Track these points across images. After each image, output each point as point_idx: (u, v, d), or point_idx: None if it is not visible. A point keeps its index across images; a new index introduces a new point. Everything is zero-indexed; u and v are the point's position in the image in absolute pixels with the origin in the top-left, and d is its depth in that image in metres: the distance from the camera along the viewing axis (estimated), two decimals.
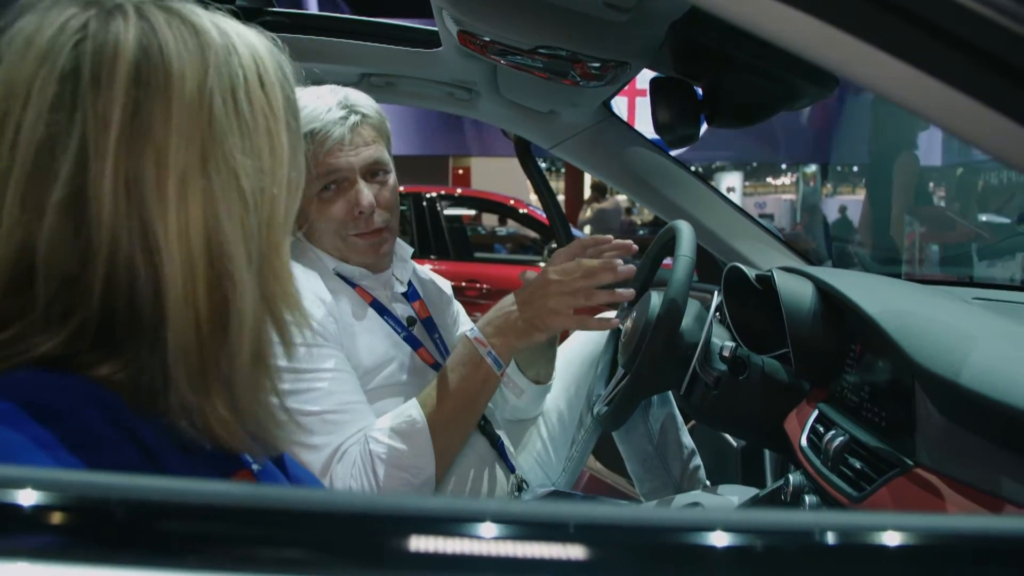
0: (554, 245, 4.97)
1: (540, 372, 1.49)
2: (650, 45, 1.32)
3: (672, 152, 1.87)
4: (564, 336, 1.65)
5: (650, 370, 1.27)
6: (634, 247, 1.25)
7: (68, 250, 0.53)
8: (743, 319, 1.37)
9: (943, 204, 6.99)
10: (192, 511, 0.43)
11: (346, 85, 1.31)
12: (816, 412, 1.17)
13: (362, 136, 1.25)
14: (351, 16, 1.61)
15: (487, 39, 1.29)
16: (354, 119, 1.24)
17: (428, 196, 5.09)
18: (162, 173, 0.54)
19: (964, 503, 0.81)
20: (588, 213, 9.13)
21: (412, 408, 1.18)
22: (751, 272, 1.35)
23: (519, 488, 1.35)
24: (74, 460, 0.50)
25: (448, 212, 5.29)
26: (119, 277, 0.54)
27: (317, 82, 1.27)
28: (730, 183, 12.68)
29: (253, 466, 0.67)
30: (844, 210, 8.85)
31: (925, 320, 0.99)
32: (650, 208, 1.94)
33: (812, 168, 10.75)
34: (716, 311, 1.40)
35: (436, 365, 1.34)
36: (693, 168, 1.92)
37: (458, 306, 1.58)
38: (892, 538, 0.41)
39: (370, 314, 1.30)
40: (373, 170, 1.28)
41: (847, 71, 0.59)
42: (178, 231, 0.55)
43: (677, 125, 1.35)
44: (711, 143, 10.18)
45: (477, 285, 4.69)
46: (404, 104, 1.90)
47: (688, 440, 1.70)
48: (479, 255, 5.66)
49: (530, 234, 6.33)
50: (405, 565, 0.42)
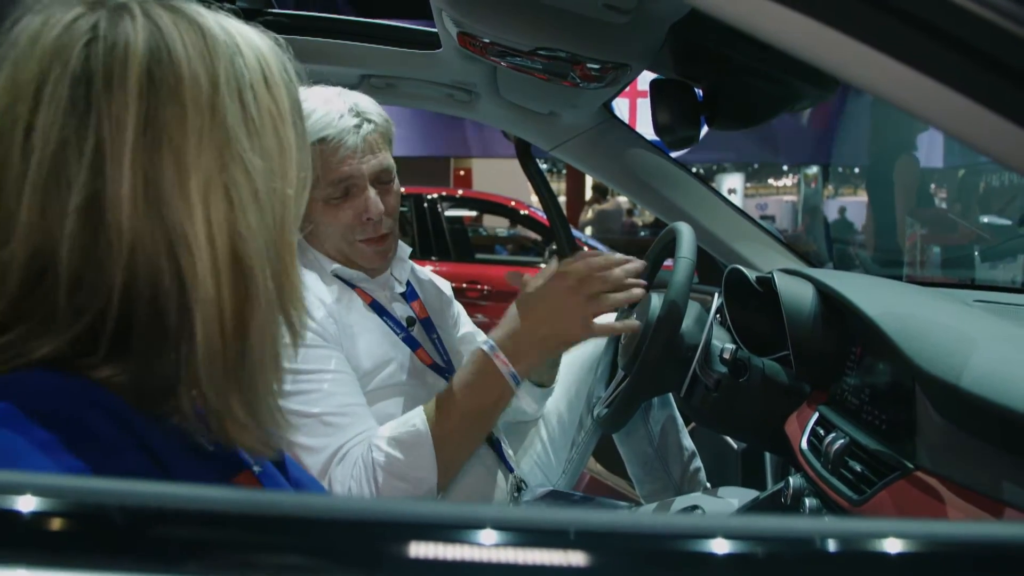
0: (554, 246, 4.96)
1: (544, 376, 1.48)
2: (650, 47, 1.31)
3: (673, 153, 1.87)
4: None
5: (650, 372, 1.26)
6: (641, 263, 1.21)
7: (85, 253, 0.53)
8: (744, 321, 1.37)
9: (944, 206, 6.98)
10: (192, 517, 0.43)
11: (346, 86, 1.31)
12: (816, 415, 1.17)
13: (371, 144, 1.26)
14: (351, 17, 1.61)
15: (486, 40, 1.29)
16: (367, 128, 1.25)
17: (429, 197, 5.09)
18: (183, 175, 0.54)
19: (964, 506, 0.80)
20: (589, 214, 9.13)
21: (417, 418, 1.16)
22: (752, 274, 1.35)
23: (518, 488, 1.35)
24: (76, 462, 0.50)
25: (449, 213, 5.29)
26: (140, 280, 0.54)
27: (318, 81, 1.27)
28: (731, 184, 12.67)
29: (255, 468, 0.67)
30: (843, 211, 8.83)
31: (926, 322, 0.99)
32: (650, 210, 1.94)
33: (813, 170, 10.74)
34: (716, 313, 1.40)
35: (435, 366, 1.34)
36: (694, 169, 1.92)
37: (458, 307, 1.58)
38: (893, 545, 0.41)
39: (369, 315, 1.30)
40: (381, 178, 1.29)
41: (846, 73, 0.59)
42: (205, 232, 0.54)
43: (677, 127, 1.35)
44: (712, 144, 10.17)
45: (478, 286, 4.69)
46: (404, 105, 1.90)
47: (688, 442, 1.70)
48: (480, 256, 5.66)
49: (531, 235, 6.33)
50: (405, 571, 0.42)
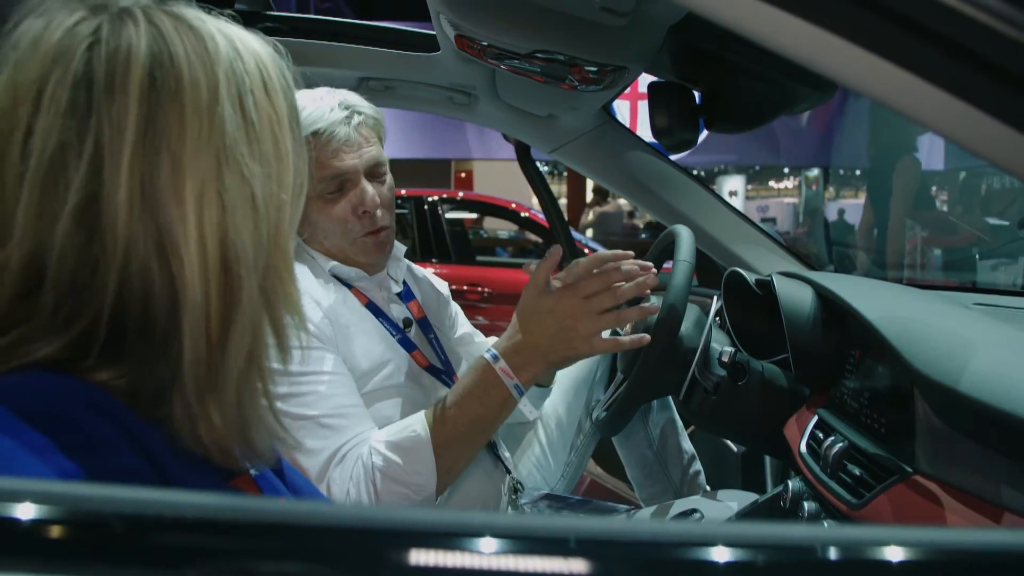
0: None
1: (543, 376, 1.47)
2: (648, 49, 1.31)
3: (674, 156, 1.86)
4: None
5: (649, 375, 1.26)
6: (653, 269, 1.19)
7: (81, 256, 0.53)
8: (743, 324, 1.36)
9: (946, 208, 6.97)
10: (191, 524, 0.42)
11: (345, 89, 1.32)
12: (816, 418, 1.17)
13: (363, 136, 1.27)
14: (350, 20, 1.61)
15: (484, 43, 1.29)
16: (357, 119, 1.26)
17: (430, 199, 5.09)
18: (179, 179, 0.54)
19: (963, 511, 0.80)
20: (590, 217, 9.13)
21: (417, 424, 1.16)
22: (751, 277, 1.35)
23: (515, 491, 1.35)
24: (70, 464, 0.50)
25: (450, 215, 5.29)
26: (133, 283, 0.54)
27: (311, 85, 1.27)
28: (733, 187, 12.65)
29: (252, 471, 0.67)
30: (842, 213, 8.81)
31: (924, 326, 0.98)
32: (650, 212, 1.94)
33: (815, 172, 10.72)
34: (716, 316, 1.40)
35: (431, 368, 1.33)
36: (695, 172, 1.92)
37: (456, 307, 1.58)
38: (894, 553, 0.40)
39: (366, 316, 1.30)
40: (375, 171, 1.29)
41: (841, 76, 0.58)
42: (196, 237, 0.55)
43: (675, 129, 1.35)
44: (714, 147, 10.18)
45: (479, 289, 4.68)
46: (403, 108, 1.90)
47: (688, 445, 1.70)
48: (481, 259, 5.65)
49: (532, 238, 6.33)
50: None
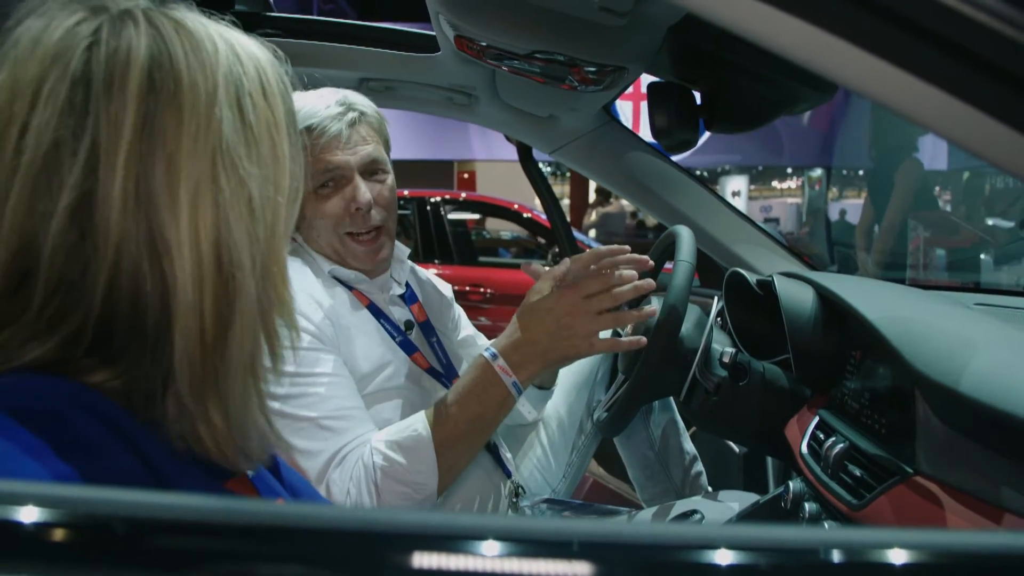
0: (557, 249, 4.94)
1: (544, 378, 1.48)
2: (648, 49, 1.31)
3: (678, 156, 1.86)
4: None
5: (650, 376, 1.26)
6: (650, 262, 1.21)
7: (72, 255, 0.53)
8: (744, 324, 1.36)
9: (949, 208, 6.95)
10: (193, 527, 0.43)
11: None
12: (817, 419, 1.16)
13: (360, 134, 1.26)
14: (350, 21, 1.61)
15: (483, 44, 1.28)
16: (352, 116, 1.25)
17: (432, 200, 5.08)
18: (174, 180, 0.54)
19: (963, 512, 0.80)
20: (593, 217, 9.13)
21: (418, 423, 1.16)
22: (752, 277, 1.34)
23: (516, 494, 1.34)
24: (66, 467, 0.49)
25: (452, 216, 5.28)
26: (123, 283, 0.54)
27: (316, 86, 1.28)
28: (736, 187, 12.62)
29: (248, 472, 0.67)
30: (844, 213, 8.79)
31: (925, 326, 0.98)
32: (651, 213, 1.93)
33: (817, 172, 10.71)
34: (717, 316, 1.39)
35: (431, 370, 1.33)
36: (699, 172, 1.92)
37: (459, 309, 1.57)
38: (898, 556, 0.40)
39: (367, 318, 1.29)
40: (371, 169, 1.28)
41: (841, 77, 0.58)
42: (190, 238, 0.55)
43: (675, 130, 1.35)
44: (717, 147, 10.17)
45: (481, 289, 4.68)
46: (403, 109, 1.90)
47: (690, 446, 1.70)
48: (483, 259, 5.65)
49: (535, 238, 6.32)
50: None
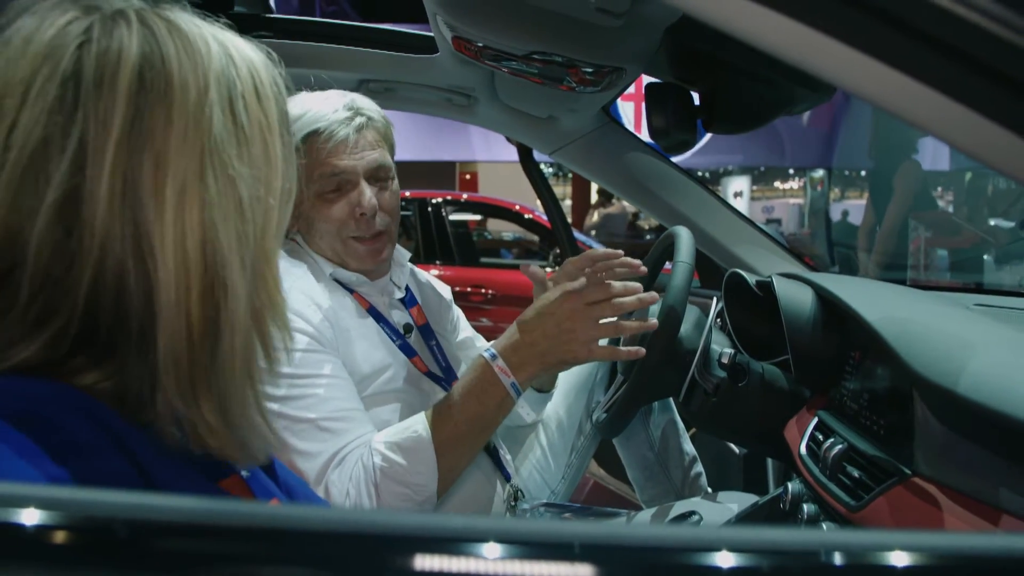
0: (558, 251, 4.94)
1: (544, 382, 1.48)
2: (645, 50, 1.31)
3: (681, 156, 1.86)
4: None
5: (649, 377, 1.26)
6: (643, 268, 1.22)
7: (57, 252, 0.53)
8: (743, 325, 1.36)
9: (951, 209, 6.94)
10: (195, 530, 0.43)
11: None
12: (816, 419, 1.16)
13: (367, 139, 1.26)
14: (348, 23, 1.61)
15: (481, 45, 1.28)
16: (359, 120, 1.25)
17: (433, 201, 5.08)
18: (160, 178, 0.54)
19: (961, 513, 0.79)
20: (595, 218, 9.13)
21: (418, 424, 1.16)
22: (751, 278, 1.34)
23: (515, 498, 1.34)
24: (58, 469, 0.49)
25: (453, 217, 5.28)
26: (107, 280, 0.54)
27: (322, 88, 1.28)
28: (738, 187, 12.61)
29: (242, 473, 0.67)
30: (846, 214, 8.78)
31: (924, 327, 0.98)
32: (651, 214, 1.93)
33: (820, 173, 10.70)
34: (717, 317, 1.39)
35: (430, 374, 1.33)
36: (701, 173, 1.92)
37: (458, 311, 1.57)
38: (900, 558, 0.40)
39: (367, 321, 1.29)
40: (377, 175, 1.28)
41: (837, 78, 0.58)
42: (174, 236, 0.55)
43: (673, 130, 1.34)
44: (719, 148, 10.17)
45: (482, 290, 4.68)
46: (403, 110, 1.89)
47: (689, 447, 1.69)
48: (485, 260, 5.65)
49: (536, 239, 6.32)
50: None
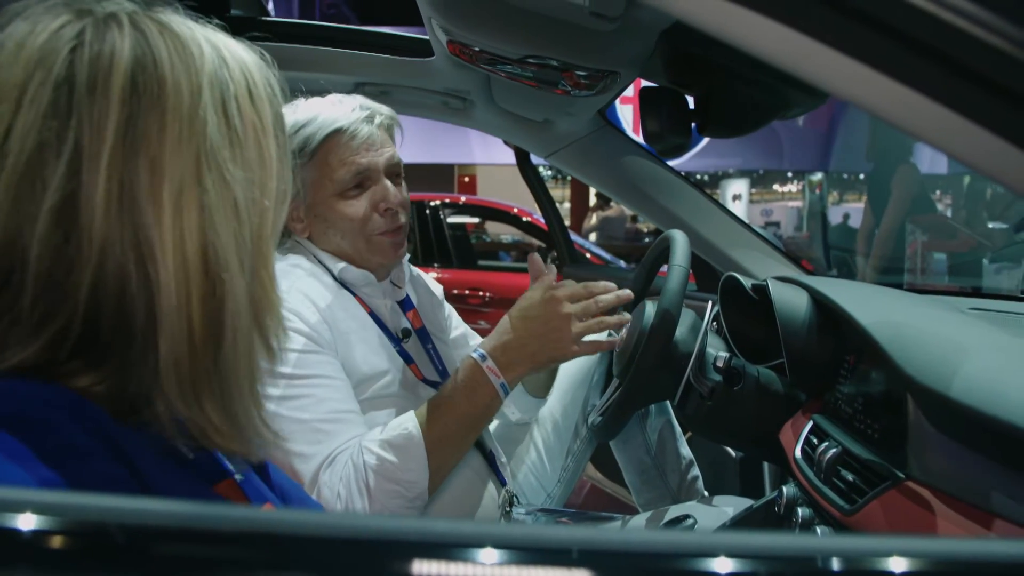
0: (555, 253, 4.96)
1: (540, 388, 1.49)
2: (640, 54, 1.31)
3: (679, 159, 1.86)
4: None
5: (644, 380, 1.26)
6: (632, 296, 1.26)
7: (56, 256, 0.53)
8: (739, 328, 1.36)
9: (949, 212, 6.94)
10: (193, 535, 0.43)
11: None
12: (810, 423, 1.16)
13: (386, 136, 1.30)
14: (344, 25, 1.61)
15: (476, 49, 1.28)
16: (380, 119, 1.29)
17: (431, 204, 5.08)
18: (157, 181, 0.54)
19: (955, 517, 0.79)
20: (593, 221, 9.13)
21: (409, 422, 1.17)
22: (747, 281, 1.34)
23: (510, 503, 1.34)
24: (51, 473, 0.49)
25: (452, 220, 5.28)
26: (107, 284, 0.54)
27: (312, 93, 1.29)
28: (737, 190, 12.63)
29: (236, 476, 0.67)
30: (847, 217, 8.78)
31: (918, 331, 0.98)
32: (647, 217, 1.94)
33: (818, 176, 10.71)
34: (712, 320, 1.39)
35: (426, 380, 1.33)
36: (700, 176, 1.92)
37: (450, 308, 1.59)
38: (896, 564, 0.40)
39: (367, 324, 1.29)
40: (395, 170, 1.31)
41: (828, 84, 0.58)
42: (173, 239, 0.55)
43: (667, 134, 1.34)
44: (718, 151, 10.18)
45: (480, 293, 4.67)
46: (399, 113, 1.90)
47: (686, 450, 1.69)
48: (483, 263, 5.65)
49: (534, 242, 6.32)
50: None
